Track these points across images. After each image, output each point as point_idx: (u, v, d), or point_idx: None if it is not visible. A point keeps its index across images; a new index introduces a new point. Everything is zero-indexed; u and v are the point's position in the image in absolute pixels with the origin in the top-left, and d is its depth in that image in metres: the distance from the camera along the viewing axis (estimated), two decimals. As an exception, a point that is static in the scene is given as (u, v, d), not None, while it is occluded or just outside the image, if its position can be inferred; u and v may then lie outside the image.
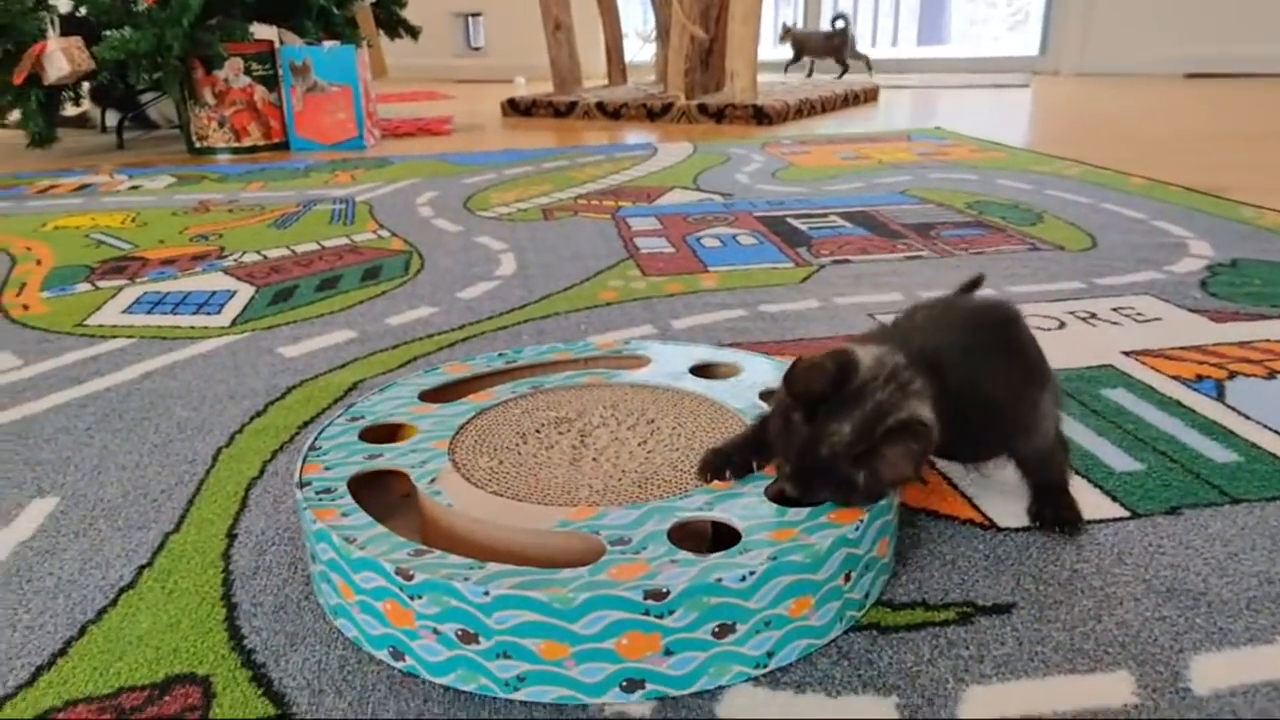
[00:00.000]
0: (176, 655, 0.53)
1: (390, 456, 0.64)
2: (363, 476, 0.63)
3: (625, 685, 0.49)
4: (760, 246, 1.40)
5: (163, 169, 2.28)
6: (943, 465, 0.73)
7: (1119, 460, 0.73)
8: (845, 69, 3.99)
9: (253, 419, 0.85)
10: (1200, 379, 0.88)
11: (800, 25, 4.50)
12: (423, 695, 0.50)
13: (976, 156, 2.13)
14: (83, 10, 2.37)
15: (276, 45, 2.52)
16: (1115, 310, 1.07)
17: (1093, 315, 1.06)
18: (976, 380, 0.60)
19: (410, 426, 0.69)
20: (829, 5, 4.81)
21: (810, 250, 1.37)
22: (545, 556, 0.54)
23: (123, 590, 0.60)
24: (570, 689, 0.49)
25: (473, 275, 1.29)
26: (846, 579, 0.53)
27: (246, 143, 2.51)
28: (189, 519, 0.68)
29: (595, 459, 0.64)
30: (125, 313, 1.17)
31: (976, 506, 0.67)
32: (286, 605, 0.58)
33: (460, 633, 0.49)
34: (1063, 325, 1.03)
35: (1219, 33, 3.82)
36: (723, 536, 0.55)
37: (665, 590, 0.48)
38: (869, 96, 3.47)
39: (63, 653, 0.54)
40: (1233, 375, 0.88)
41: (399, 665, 0.52)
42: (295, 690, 0.50)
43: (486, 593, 0.48)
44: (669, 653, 0.49)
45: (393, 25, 2.98)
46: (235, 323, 1.12)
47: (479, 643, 0.49)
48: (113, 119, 2.86)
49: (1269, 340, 0.97)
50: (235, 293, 1.24)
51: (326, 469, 0.62)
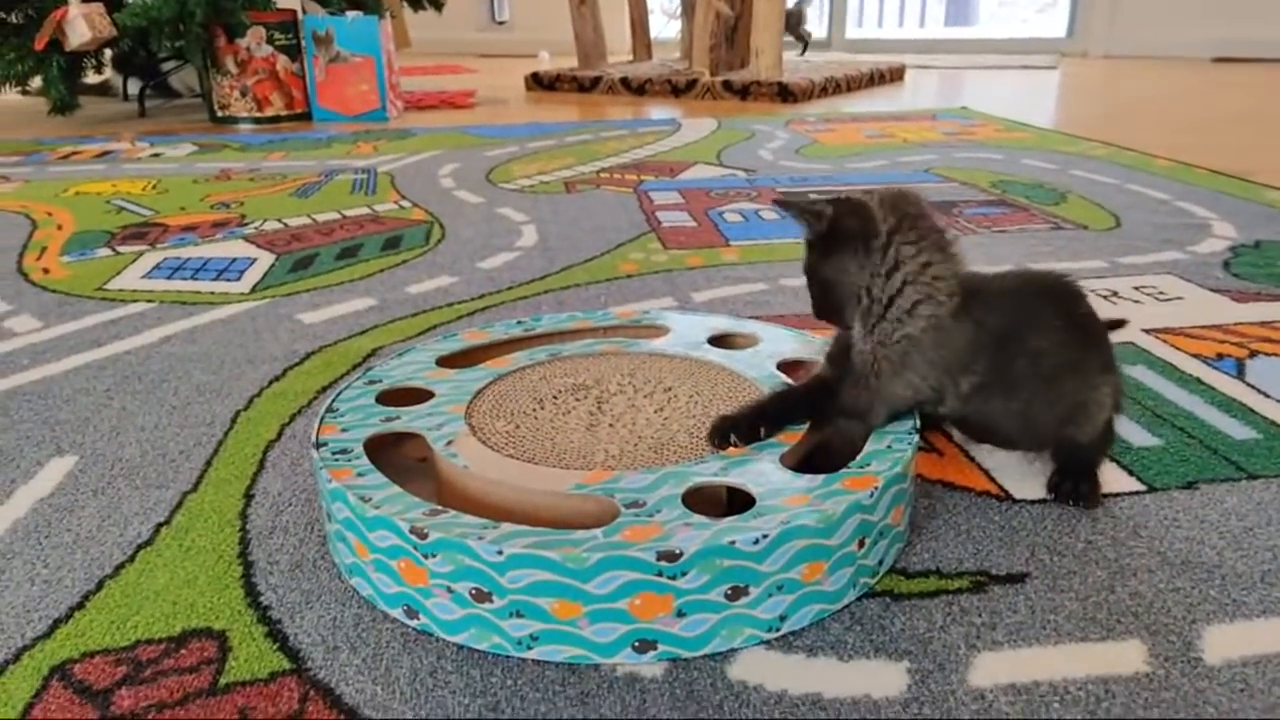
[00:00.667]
0: (193, 610, 0.54)
1: (407, 419, 0.64)
2: (380, 441, 0.63)
3: (637, 646, 0.49)
4: (782, 222, 1.39)
5: (184, 137, 2.29)
6: (960, 437, 0.73)
7: (1138, 435, 0.73)
8: (805, 46, 4.06)
9: (271, 383, 0.86)
10: (1221, 357, 0.87)
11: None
12: (436, 653, 0.50)
13: (1002, 136, 2.11)
14: (105, -23, 2.38)
15: (299, 15, 2.52)
16: (1137, 289, 1.06)
17: (1114, 293, 1.05)
18: (1030, 337, 0.60)
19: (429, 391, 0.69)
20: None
21: (831, 226, 1.36)
22: (560, 518, 0.54)
23: (141, 547, 0.61)
24: (583, 648, 0.49)
25: (493, 246, 1.29)
26: (860, 545, 0.53)
27: (269, 112, 2.51)
28: (207, 479, 0.69)
29: (611, 425, 0.64)
30: (145, 278, 1.18)
31: (993, 478, 0.67)
32: (303, 564, 0.58)
33: (474, 591, 0.49)
34: (1085, 303, 1.02)
35: (1247, 17, 3.75)
36: (737, 502, 0.55)
37: (678, 552, 0.48)
38: (895, 76, 3.43)
39: (80, 606, 0.55)
40: (1254, 354, 0.87)
41: (413, 624, 0.52)
42: (310, 646, 0.51)
43: (500, 552, 0.48)
44: (681, 614, 0.49)
45: (416, -3, 2.97)
46: (255, 289, 1.13)
47: (492, 601, 0.49)
48: (134, 87, 2.87)
49: (1292, 320, 0.96)
50: (256, 260, 1.24)
51: (343, 430, 0.62)
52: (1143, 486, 0.66)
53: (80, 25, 2.24)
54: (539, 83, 3.32)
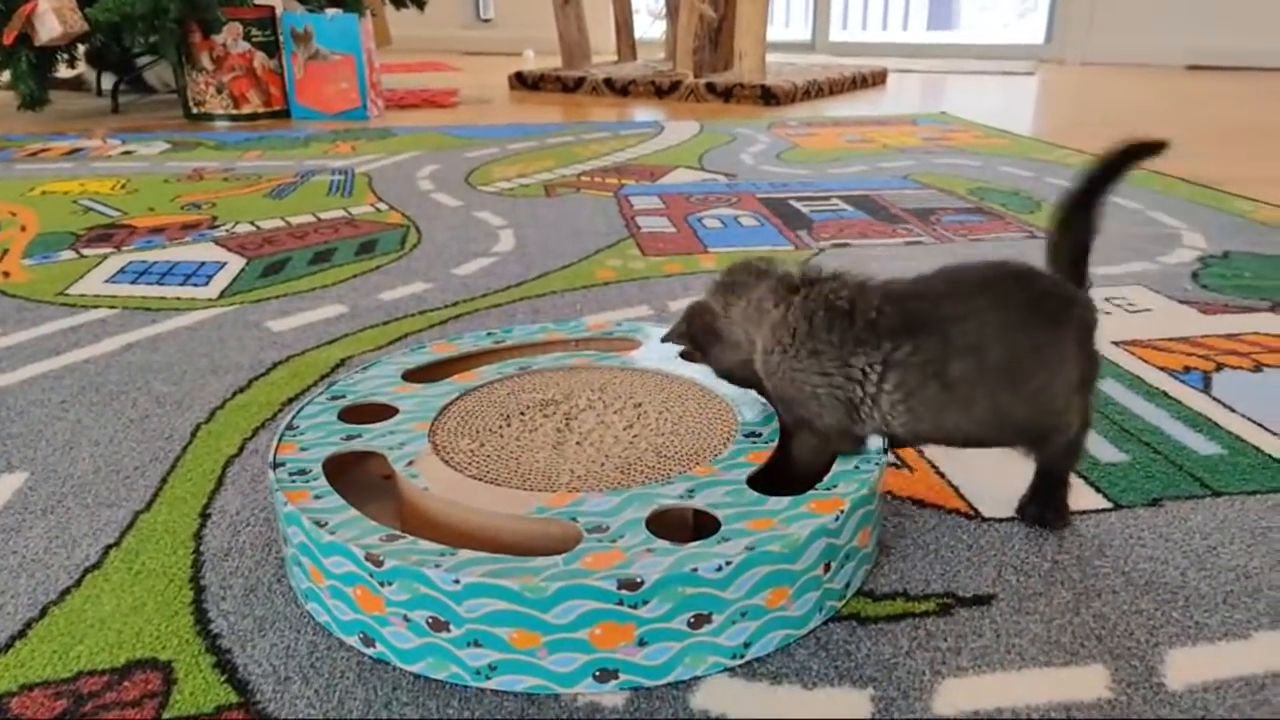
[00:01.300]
0: (139, 639, 0.53)
1: (368, 438, 0.63)
2: (348, 457, 0.62)
3: (598, 675, 0.48)
4: (761, 228, 1.39)
5: (158, 134, 2.26)
6: (931, 453, 0.72)
7: (1104, 451, 0.73)
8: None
9: (235, 395, 0.84)
10: (1188, 370, 0.87)
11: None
12: (392, 683, 0.49)
13: (980, 143, 2.11)
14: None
15: (277, 11, 2.49)
16: (1107, 300, 1.06)
17: (1089, 305, 1.05)
18: (960, 328, 0.56)
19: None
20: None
21: (810, 233, 1.36)
22: (521, 543, 0.53)
23: (88, 570, 0.59)
24: (542, 678, 0.48)
25: (470, 251, 1.28)
26: (826, 569, 0.53)
27: (245, 110, 2.48)
28: (161, 497, 0.67)
29: (579, 443, 0.63)
30: (109, 282, 1.15)
31: (963, 496, 0.67)
32: (257, 588, 0.57)
33: (431, 620, 0.48)
34: (1059, 315, 1.02)
35: (1222, 26, 3.78)
36: (704, 524, 0.54)
37: (639, 580, 0.47)
38: (877, 80, 3.44)
39: (22, 635, 0.53)
40: (1220, 367, 0.87)
41: (369, 651, 0.51)
42: (260, 678, 0.50)
43: (457, 580, 0.47)
44: (643, 643, 0.48)
45: (398, -6, 2.94)
46: (223, 295, 1.11)
47: (450, 630, 0.48)
48: (108, 82, 2.83)
49: (1256, 333, 0.96)
50: (225, 264, 1.22)
51: (302, 449, 0.61)
52: (1108, 503, 0.65)
53: (50, 20, 2.21)
54: (523, 82, 3.30)
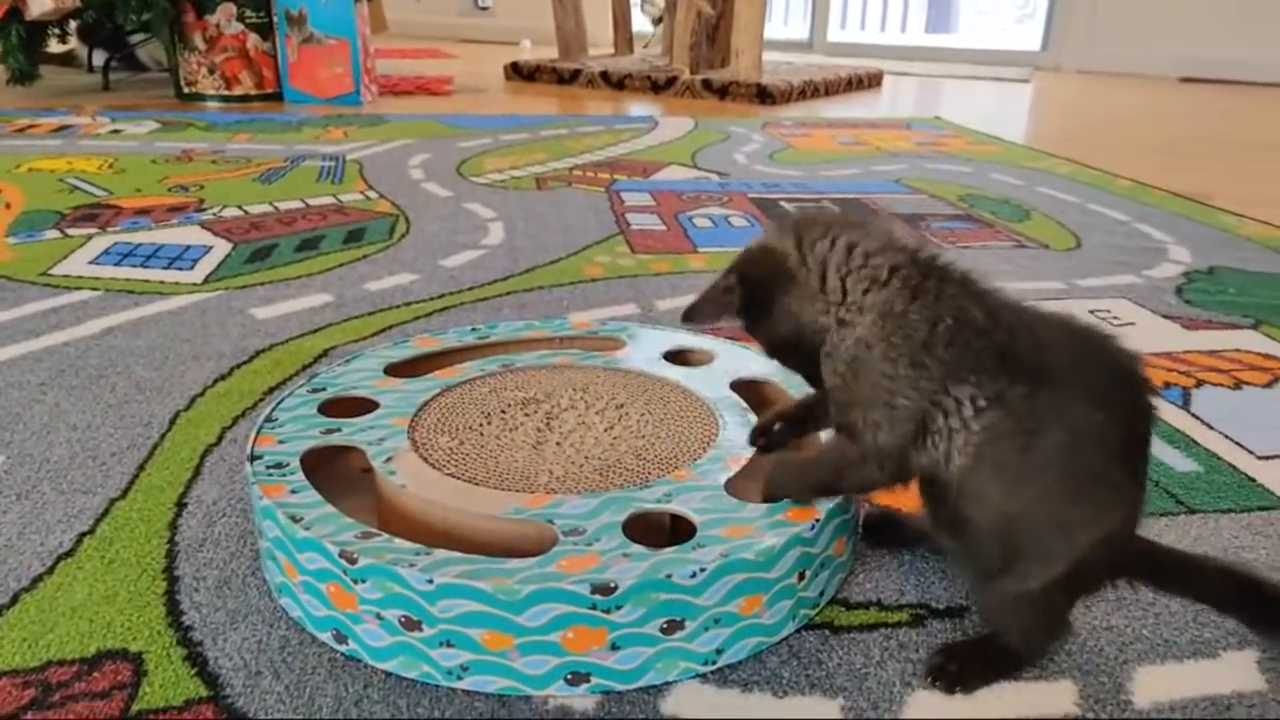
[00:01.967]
0: (110, 629, 0.52)
1: (348, 432, 0.63)
2: (330, 448, 0.61)
3: (570, 678, 0.48)
4: (751, 229, 1.38)
5: (148, 114, 2.24)
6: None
7: (1086, 469, 0.73)
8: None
9: (216, 382, 0.83)
10: (1168, 386, 0.87)
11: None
12: (364, 680, 0.49)
13: (973, 149, 2.12)
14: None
15: (272, -6, 2.47)
16: (1092, 312, 1.07)
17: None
18: (1071, 386, 0.47)
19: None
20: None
21: (798, 235, 1.36)
22: (497, 544, 0.53)
23: (61, 558, 0.59)
24: (514, 680, 0.48)
25: (458, 243, 1.27)
26: (801, 578, 0.53)
27: (237, 91, 2.46)
28: (138, 485, 0.67)
29: (559, 443, 0.63)
30: (93, 263, 1.14)
31: (940, 510, 0.67)
32: (231, 580, 0.57)
33: (403, 619, 0.48)
34: (1043, 327, 1.02)
35: (1216, 39, 3.79)
36: (683, 527, 0.54)
37: (613, 585, 0.47)
38: (873, 82, 3.44)
39: (-8, 622, 0.53)
40: (1200, 384, 0.88)
41: (342, 648, 0.51)
42: (230, 671, 0.49)
43: (430, 580, 0.47)
44: (615, 647, 0.48)
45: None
46: (208, 280, 1.10)
47: (422, 630, 0.48)
48: (99, 58, 2.80)
49: (1238, 350, 0.97)
50: (211, 248, 1.22)
51: (280, 442, 0.61)
52: (1086, 522, 0.66)
53: (43, -6, 2.18)
54: (518, 73, 3.28)
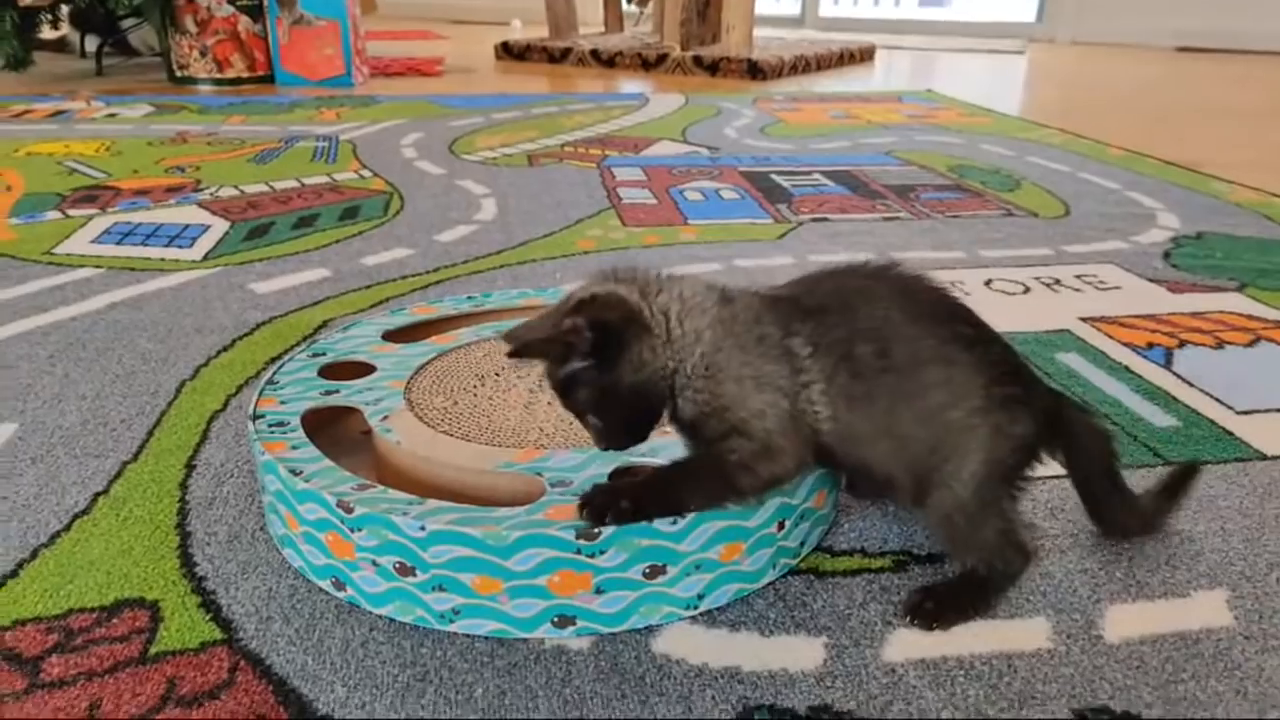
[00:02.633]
0: (127, 580, 0.55)
1: (346, 394, 0.65)
2: (327, 415, 0.64)
3: (557, 621, 0.51)
4: (742, 201, 1.40)
5: (142, 97, 2.25)
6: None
7: (1063, 422, 0.75)
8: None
9: (219, 353, 0.86)
10: (1151, 346, 0.89)
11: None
12: (368, 624, 0.52)
13: (964, 120, 2.13)
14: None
15: (262, -25, 2.47)
16: (1078, 277, 1.09)
17: (1056, 281, 1.07)
18: (867, 320, 0.51)
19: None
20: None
21: (790, 207, 1.38)
22: (488, 496, 0.56)
23: (77, 516, 0.61)
24: (504, 623, 0.51)
25: (452, 219, 1.29)
26: (780, 527, 0.55)
27: (229, 74, 2.47)
28: (148, 449, 0.69)
29: (550, 403, 0.65)
30: (94, 242, 1.16)
31: (921, 463, 0.69)
32: (240, 535, 0.59)
33: (398, 565, 0.50)
34: (1027, 290, 1.04)
35: (1212, 8, 3.79)
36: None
37: (597, 531, 0.49)
38: (865, 56, 3.44)
39: (14, 574, 0.55)
40: (1183, 344, 0.90)
41: (340, 595, 0.53)
42: (243, 617, 0.52)
43: (423, 527, 0.49)
44: (600, 591, 0.50)
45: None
46: (207, 257, 1.12)
47: (415, 575, 0.50)
48: (92, 44, 2.80)
49: (1222, 311, 0.99)
50: (209, 227, 1.23)
51: (282, 403, 0.63)
52: (1063, 471, 0.68)
53: (34, -21, 2.19)
54: (509, 52, 3.28)
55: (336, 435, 0.65)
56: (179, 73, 2.47)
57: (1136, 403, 0.78)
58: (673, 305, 0.52)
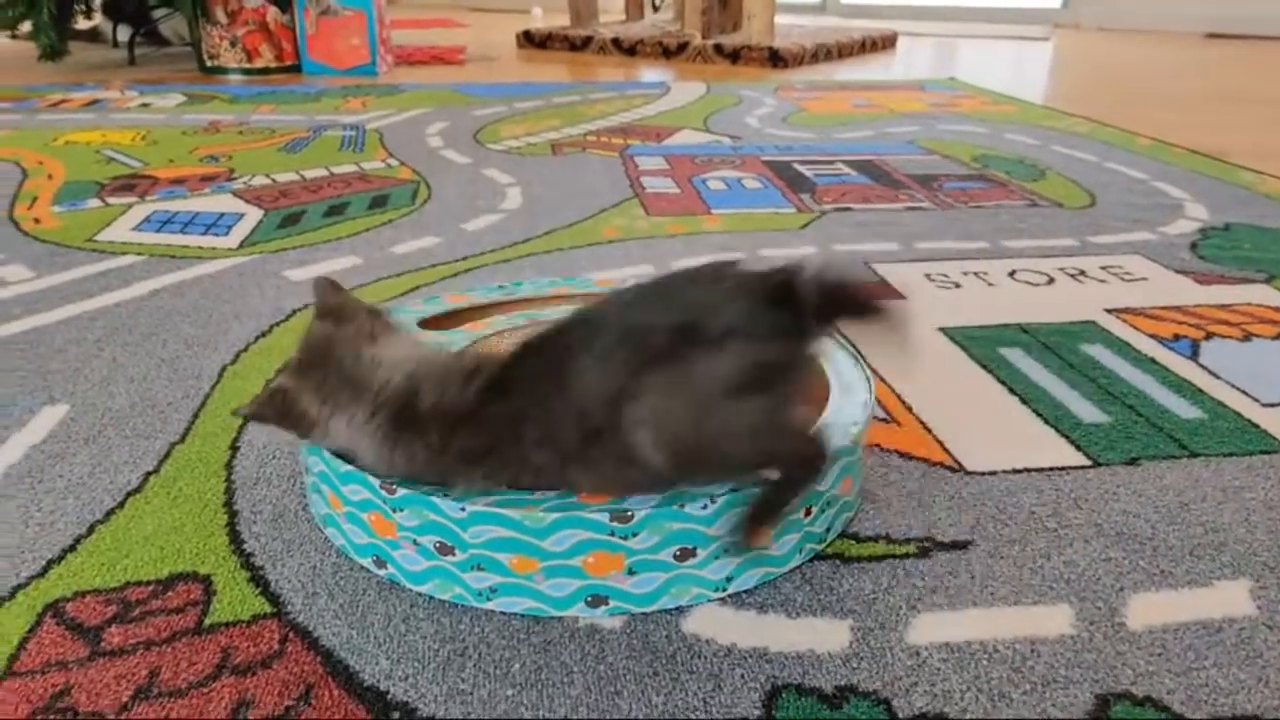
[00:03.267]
0: (180, 555, 0.57)
1: (386, 379, 0.66)
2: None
3: (590, 600, 0.53)
4: (765, 191, 1.41)
5: (174, 87, 2.28)
6: (920, 410, 0.76)
7: (1087, 412, 0.76)
8: None
9: (257, 339, 0.88)
10: (1177, 338, 0.90)
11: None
12: (409, 601, 0.54)
13: (988, 109, 2.12)
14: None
15: (290, -34, 2.49)
16: (1104, 269, 1.09)
17: (1082, 272, 1.08)
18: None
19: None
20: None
21: (813, 196, 1.38)
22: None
23: (130, 494, 0.63)
24: (539, 601, 0.52)
25: (478, 208, 1.31)
26: (807, 513, 0.56)
27: (258, 64, 2.50)
28: (194, 430, 0.72)
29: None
30: (135, 230, 1.19)
31: (947, 450, 0.70)
32: (284, 514, 0.61)
33: (438, 545, 0.52)
34: (1052, 281, 1.05)
35: (1245, -8, 3.74)
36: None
37: (630, 514, 0.51)
38: (886, 43, 3.42)
39: (72, 549, 0.58)
40: (1209, 336, 0.90)
41: (381, 573, 0.56)
42: (290, 592, 0.54)
43: (463, 509, 0.51)
44: (632, 572, 0.52)
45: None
46: (243, 245, 1.14)
47: (455, 555, 0.52)
48: (124, 34, 2.84)
49: (1249, 304, 0.99)
50: (244, 215, 1.26)
51: (324, 388, 0.65)
52: (1088, 461, 0.69)
53: (68, -30, 2.22)
54: (530, 40, 3.29)
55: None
56: (209, 62, 2.50)
57: (1163, 395, 0.79)
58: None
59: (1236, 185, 1.46)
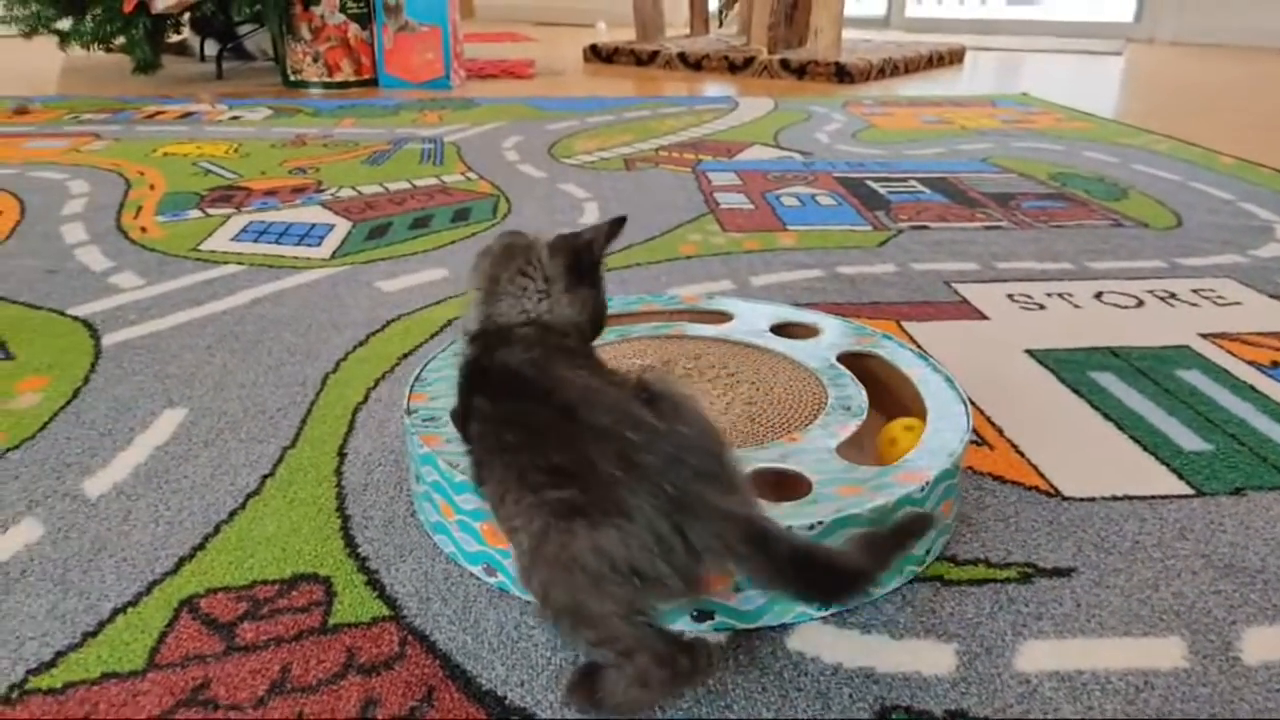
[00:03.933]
0: (300, 557, 0.60)
1: (490, 391, 0.68)
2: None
3: (696, 616, 0.54)
4: (839, 208, 1.41)
5: (259, 100, 2.36)
6: (1012, 433, 0.76)
7: (1188, 440, 0.75)
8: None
9: (355, 348, 0.91)
10: (1276, 365, 0.88)
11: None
12: (519, 608, 0.55)
13: (1063, 126, 2.09)
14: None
15: (370, -16, 2.56)
16: (1195, 292, 1.07)
17: (1172, 295, 1.06)
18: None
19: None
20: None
21: (888, 214, 1.38)
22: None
23: (250, 496, 0.66)
24: (650, 613, 0.53)
25: (557, 222, 1.33)
26: (912, 534, 0.57)
27: (338, 78, 2.57)
28: (303, 436, 0.74)
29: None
30: (234, 240, 1.24)
31: (1043, 475, 0.70)
32: (394, 520, 0.63)
33: (555, 555, 0.54)
34: (1141, 304, 1.03)
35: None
36: (791, 489, 0.59)
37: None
38: (954, 58, 3.39)
39: (201, 547, 0.61)
40: (1310, 365, 0.89)
41: (491, 580, 0.57)
42: (405, 596, 0.56)
43: (583, 520, 0.52)
44: (738, 589, 0.53)
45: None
46: (335, 255, 1.18)
47: (572, 565, 0.54)
48: (211, 48, 2.95)
49: (1352, 332, 0.96)
50: (334, 226, 1.30)
51: (431, 399, 0.67)
52: (1191, 490, 0.68)
53: (166, -11, 2.31)
54: (597, 55, 3.33)
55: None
56: (293, 77, 2.58)
57: (1264, 424, 0.77)
58: None
59: (1328, 207, 1.42)
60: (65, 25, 2.55)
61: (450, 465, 0.58)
